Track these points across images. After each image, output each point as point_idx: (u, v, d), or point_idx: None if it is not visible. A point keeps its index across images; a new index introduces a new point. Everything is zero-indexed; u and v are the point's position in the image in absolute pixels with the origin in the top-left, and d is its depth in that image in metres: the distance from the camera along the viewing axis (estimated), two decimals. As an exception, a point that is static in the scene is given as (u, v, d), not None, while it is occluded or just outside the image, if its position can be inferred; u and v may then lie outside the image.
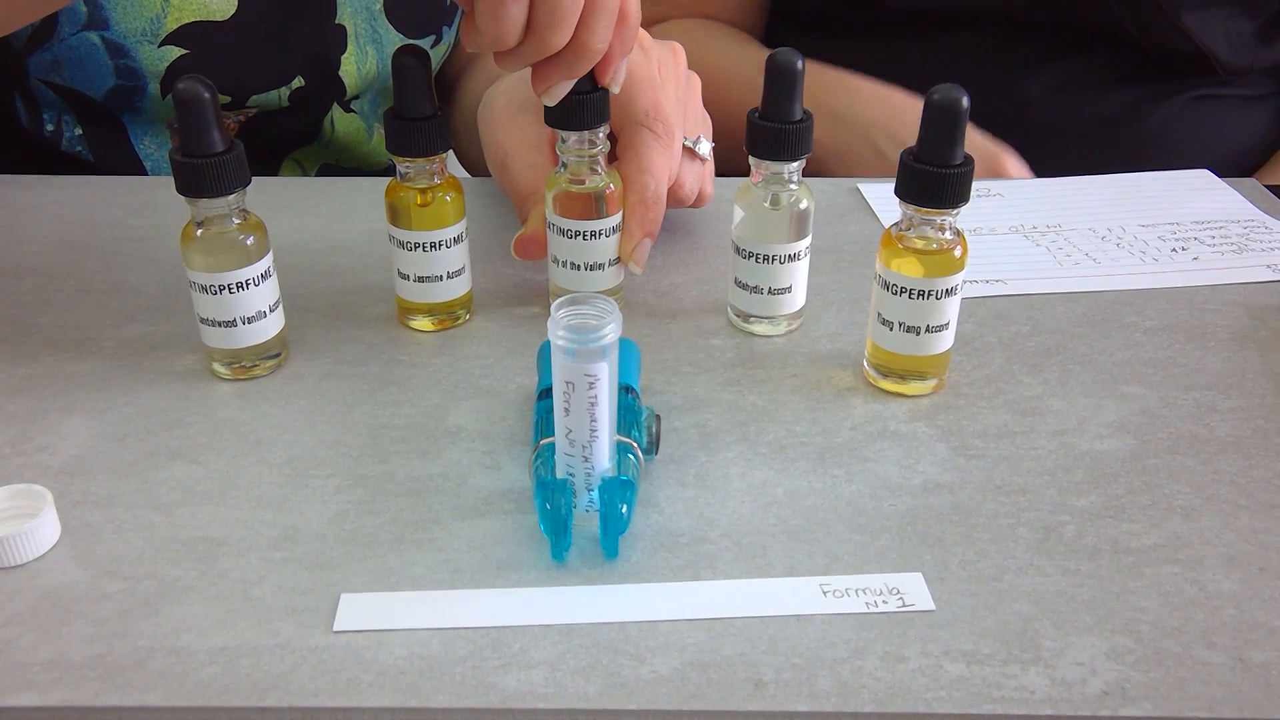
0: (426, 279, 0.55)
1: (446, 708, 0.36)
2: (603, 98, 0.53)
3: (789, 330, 0.57)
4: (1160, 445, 0.48)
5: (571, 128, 0.53)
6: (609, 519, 0.41)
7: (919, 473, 0.47)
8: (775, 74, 0.51)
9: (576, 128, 0.53)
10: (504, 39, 0.46)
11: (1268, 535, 0.43)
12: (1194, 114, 0.86)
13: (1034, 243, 0.66)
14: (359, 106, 0.82)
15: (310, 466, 0.47)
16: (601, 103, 0.53)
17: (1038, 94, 0.85)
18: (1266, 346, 0.56)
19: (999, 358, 0.55)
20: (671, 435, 0.49)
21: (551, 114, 0.52)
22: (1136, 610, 0.40)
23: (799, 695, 0.36)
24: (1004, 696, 0.36)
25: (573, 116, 0.52)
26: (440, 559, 0.42)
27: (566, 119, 0.52)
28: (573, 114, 0.52)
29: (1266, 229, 0.68)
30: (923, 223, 0.49)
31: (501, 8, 0.44)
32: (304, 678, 0.37)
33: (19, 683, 0.36)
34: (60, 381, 0.52)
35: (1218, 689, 0.36)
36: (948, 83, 0.46)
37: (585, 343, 0.39)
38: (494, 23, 0.45)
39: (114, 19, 0.69)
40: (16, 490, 0.43)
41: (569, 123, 0.53)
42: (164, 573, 0.41)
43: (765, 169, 0.53)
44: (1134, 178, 0.75)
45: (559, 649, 0.38)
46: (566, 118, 0.52)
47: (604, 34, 0.47)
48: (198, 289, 0.50)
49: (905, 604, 0.40)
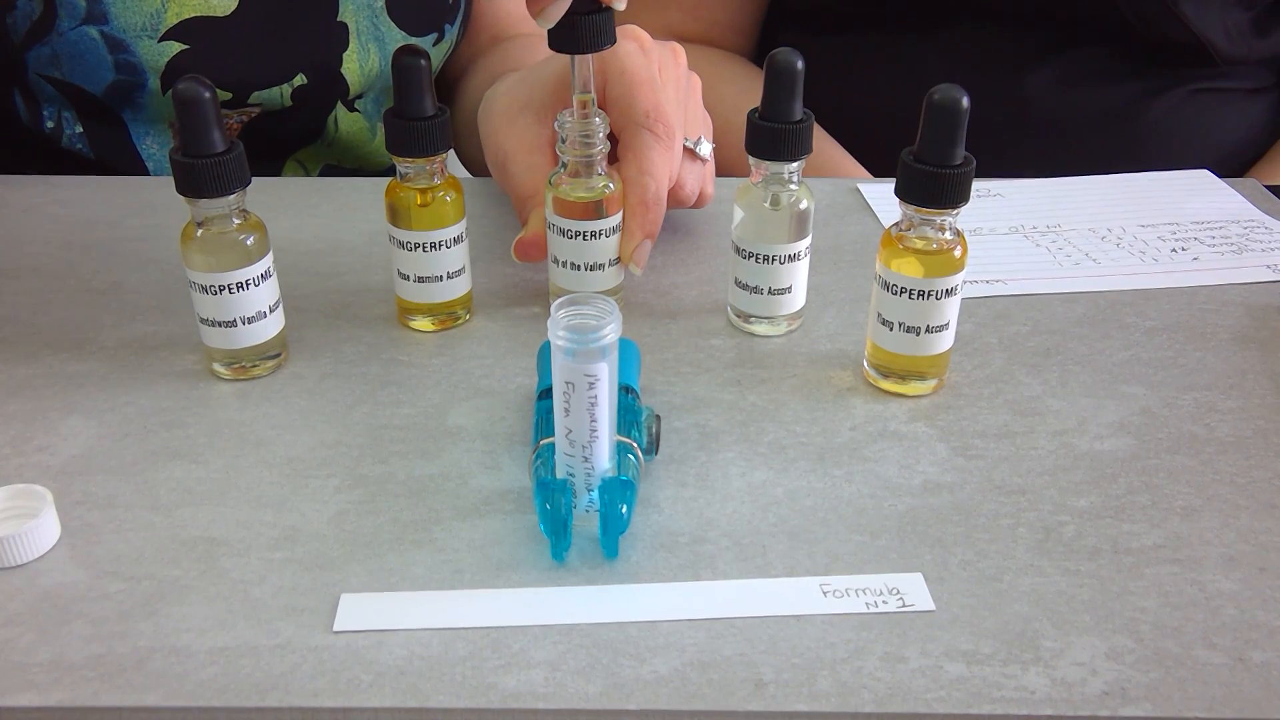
0: (426, 279, 0.55)
1: (446, 708, 0.36)
2: (606, 18, 0.50)
3: (789, 330, 0.57)
4: (1160, 445, 0.48)
5: (574, 50, 0.51)
6: (609, 519, 0.41)
7: (919, 473, 0.47)
8: (775, 74, 0.51)
9: (578, 50, 0.51)
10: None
11: (1268, 535, 0.43)
12: (1193, 107, 0.86)
13: (1034, 243, 0.67)
14: (362, 105, 0.82)
15: (310, 466, 0.47)
16: (605, 24, 0.50)
17: (1038, 88, 0.85)
18: (1266, 346, 0.56)
19: (999, 358, 0.55)
20: (671, 435, 0.49)
21: (554, 37, 0.50)
22: (1136, 610, 0.40)
23: (799, 695, 0.36)
24: (1004, 696, 0.36)
25: (573, 38, 0.50)
26: (440, 559, 0.42)
27: (567, 42, 0.50)
28: (573, 36, 0.50)
29: (1266, 229, 0.68)
30: (923, 223, 0.49)
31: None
32: (304, 678, 0.37)
33: (19, 683, 0.36)
34: (60, 381, 0.52)
35: (1218, 689, 0.36)
36: (948, 81, 0.46)
37: (585, 343, 0.39)
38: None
39: (113, 13, 0.68)
40: (16, 490, 0.43)
41: (570, 45, 0.51)
42: (164, 573, 0.41)
43: (765, 169, 0.53)
44: (1134, 178, 0.75)
45: (559, 649, 0.38)
46: (567, 40, 0.50)
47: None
48: (198, 289, 0.50)
49: (905, 604, 0.40)
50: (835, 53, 0.90)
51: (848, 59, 0.90)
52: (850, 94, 0.90)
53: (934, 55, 0.87)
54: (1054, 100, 0.85)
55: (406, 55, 0.51)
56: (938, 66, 0.87)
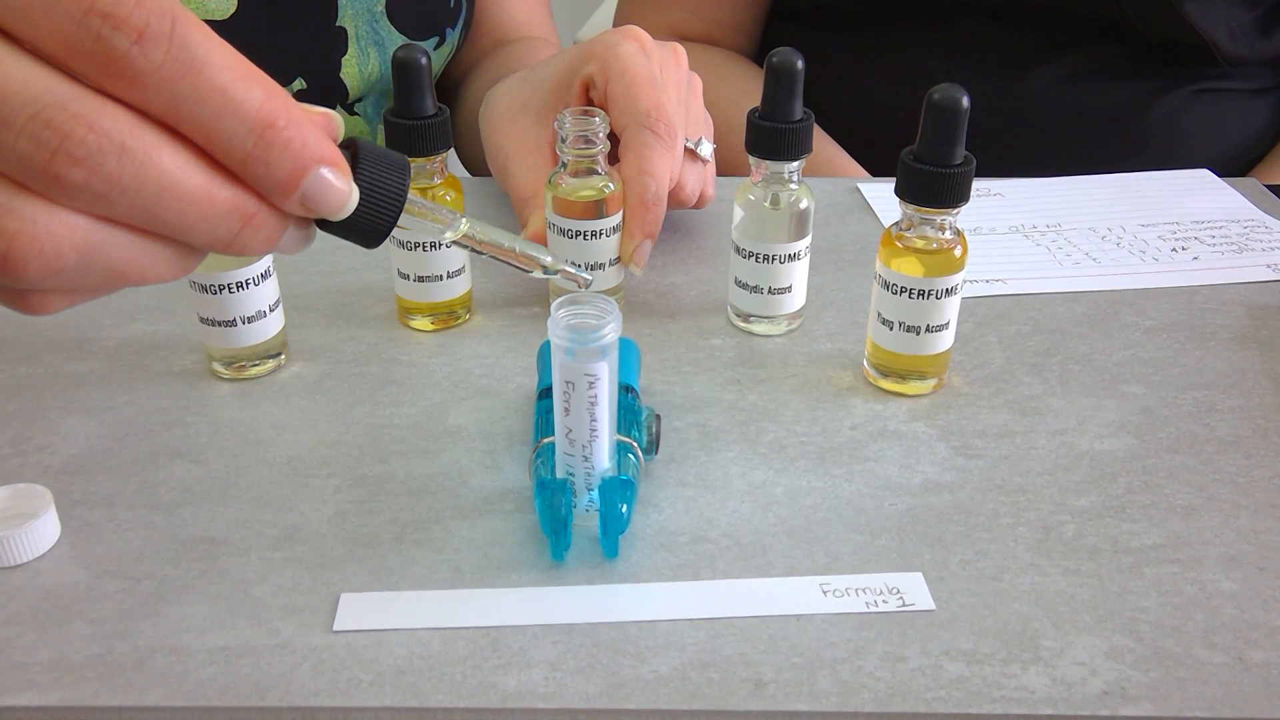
0: (426, 279, 0.55)
1: (446, 708, 0.36)
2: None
3: (789, 330, 0.57)
4: (1160, 445, 0.48)
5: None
6: (609, 519, 0.41)
7: (919, 473, 0.47)
8: (775, 74, 0.51)
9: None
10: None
11: (1268, 535, 0.43)
12: (1196, 107, 0.86)
13: (1034, 243, 0.66)
14: (362, 109, 0.82)
15: (310, 466, 0.47)
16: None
17: (1041, 87, 0.85)
18: (1266, 346, 0.56)
19: (999, 358, 0.55)
20: (671, 435, 0.49)
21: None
22: (1136, 610, 0.40)
23: (799, 695, 0.36)
24: (1004, 696, 0.36)
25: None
26: (440, 559, 0.42)
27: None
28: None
29: (1266, 229, 0.68)
30: (923, 222, 0.49)
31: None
32: (304, 678, 0.37)
33: (19, 683, 0.36)
34: (60, 381, 0.52)
35: (1218, 689, 0.36)
36: (949, 80, 0.46)
37: (585, 343, 0.39)
38: None
39: None
40: (16, 490, 0.43)
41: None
42: (164, 573, 0.41)
43: (765, 168, 0.53)
44: (1134, 177, 0.75)
45: (559, 649, 0.38)
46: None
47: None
48: (198, 289, 0.50)
49: (905, 604, 0.40)
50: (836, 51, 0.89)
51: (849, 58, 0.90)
52: (851, 93, 0.90)
53: (936, 54, 0.87)
54: (1056, 99, 0.85)
55: (406, 55, 0.51)
56: (939, 66, 0.87)
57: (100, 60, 0.28)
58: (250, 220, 0.31)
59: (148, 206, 0.29)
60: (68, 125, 0.27)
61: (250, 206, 0.31)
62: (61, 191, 0.28)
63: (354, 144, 0.34)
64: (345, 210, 0.32)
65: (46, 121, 0.27)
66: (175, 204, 0.29)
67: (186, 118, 0.29)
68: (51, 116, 0.27)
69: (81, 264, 0.29)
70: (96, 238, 0.29)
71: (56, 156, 0.28)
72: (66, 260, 0.29)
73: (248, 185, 0.31)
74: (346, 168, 0.32)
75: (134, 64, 0.28)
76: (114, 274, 0.30)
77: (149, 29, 0.28)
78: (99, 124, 0.28)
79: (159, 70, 0.28)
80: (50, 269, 0.29)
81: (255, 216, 0.31)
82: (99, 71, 0.28)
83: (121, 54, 0.28)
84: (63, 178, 0.28)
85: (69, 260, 0.29)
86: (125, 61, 0.28)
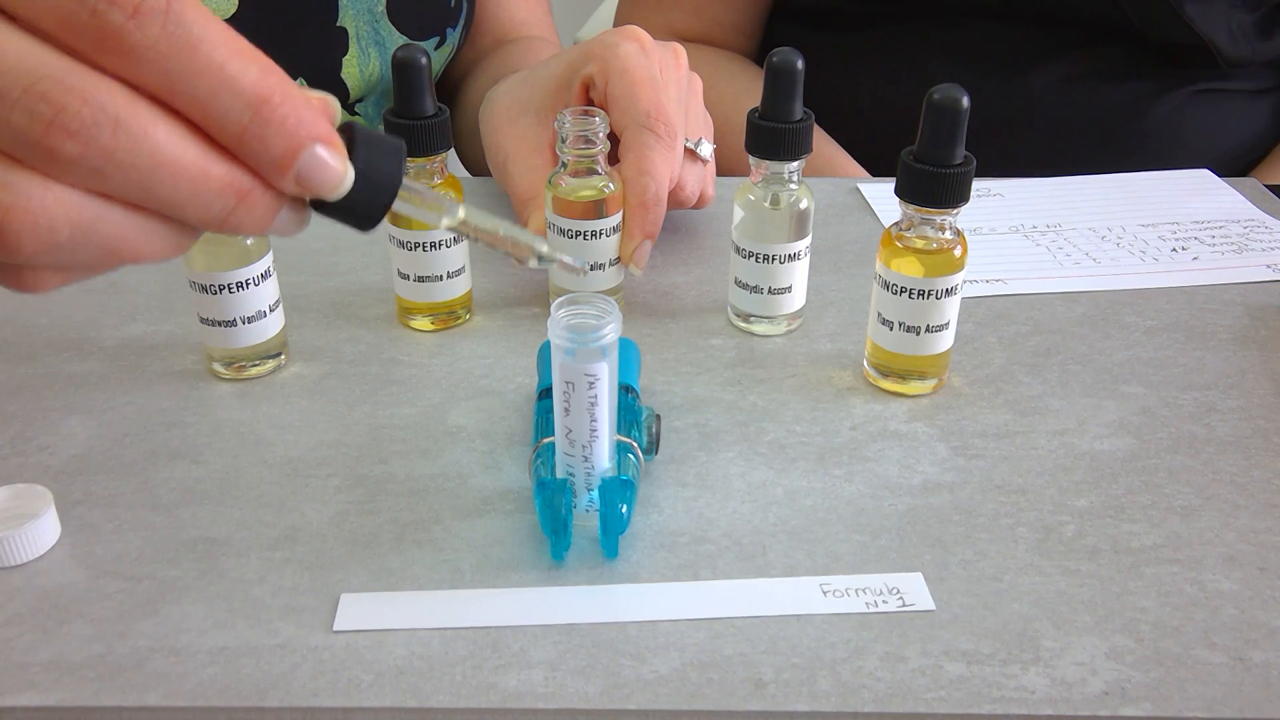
0: (426, 279, 0.55)
1: (446, 708, 0.36)
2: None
3: (789, 330, 0.57)
4: (1160, 445, 0.48)
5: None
6: (609, 519, 0.41)
7: (919, 473, 0.47)
8: (775, 74, 0.51)
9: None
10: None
11: (1268, 535, 0.43)
12: (1196, 108, 0.86)
13: (1034, 243, 0.66)
14: (363, 110, 0.82)
15: (310, 466, 0.47)
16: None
17: (1042, 88, 0.85)
18: (1266, 346, 0.56)
19: (999, 358, 0.55)
20: (671, 435, 0.49)
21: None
22: (1136, 610, 0.40)
23: (799, 695, 0.36)
24: (1004, 696, 0.36)
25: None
26: (440, 559, 0.42)
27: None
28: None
29: (1266, 229, 0.68)
30: (923, 222, 0.49)
31: None
32: (304, 678, 0.37)
33: (19, 683, 0.36)
34: (60, 381, 0.52)
35: (1218, 689, 0.36)
36: (950, 80, 0.46)
37: (585, 343, 0.39)
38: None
39: None
40: (16, 490, 0.43)
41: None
42: (164, 573, 0.41)
43: (765, 169, 0.53)
44: (1134, 177, 0.75)
45: (559, 649, 0.38)
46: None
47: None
48: (198, 289, 0.50)
49: (905, 604, 0.40)
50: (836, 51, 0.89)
51: (849, 58, 0.90)
52: (851, 93, 0.90)
53: (936, 54, 0.87)
54: (1057, 100, 0.85)
55: (406, 55, 0.51)
56: (940, 66, 0.87)
57: (96, 35, 0.28)
58: (245, 198, 0.31)
59: (142, 181, 0.29)
60: (63, 98, 0.27)
61: (245, 184, 0.31)
62: (56, 165, 0.28)
63: (350, 127, 0.34)
64: (340, 190, 0.32)
65: (41, 95, 0.27)
66: (169, 179, 0.29)
67: (182, 93, 0.29)
68: (47, 90, 0.27)
69: (75, 239, 0.29)
70: (90, 213, 0.29)
71: (51, 129, 0.27)
72: (60, 235, 0.29)
73: (243, 162, 0.30)
74: (342, 147, 0.32)
75: (129, 39, 0.28)
76: (107, 250, 0.30)
77: (145, 4, 0.28)
78: (94, 97, 0.28)
79: (154, 45, 0.28)
80: (44, 243, 0.29)
81: (250, 194, 0.31)
82: (94, 46, 0.28)
83: (117, 28, 0.27)
84: (57, 151, 0.28)
85: (63, 235, 0.29)
86: (120, 36, 0.28)
